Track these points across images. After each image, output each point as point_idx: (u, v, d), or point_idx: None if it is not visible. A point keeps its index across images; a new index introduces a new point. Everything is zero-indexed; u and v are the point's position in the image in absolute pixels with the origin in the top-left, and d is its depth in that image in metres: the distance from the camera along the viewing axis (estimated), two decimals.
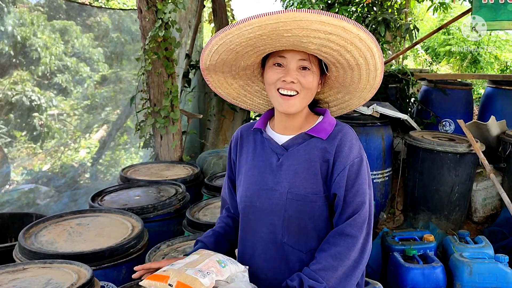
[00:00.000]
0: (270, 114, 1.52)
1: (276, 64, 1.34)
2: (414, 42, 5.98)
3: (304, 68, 1.33)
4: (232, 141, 1.56)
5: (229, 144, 1.58)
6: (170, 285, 1.13)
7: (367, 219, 1.34)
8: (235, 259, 1.42)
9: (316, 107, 1.50)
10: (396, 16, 6.33)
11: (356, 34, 1.21)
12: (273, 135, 1.46)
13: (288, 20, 1.16)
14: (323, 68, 1.38)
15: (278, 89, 1.34)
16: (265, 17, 1.17)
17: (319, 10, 1.17)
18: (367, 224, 1.34)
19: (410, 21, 6.95)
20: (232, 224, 1.58)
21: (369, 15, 6.15)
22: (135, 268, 1.40)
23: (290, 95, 1.33)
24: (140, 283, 1.20)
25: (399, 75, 4.84)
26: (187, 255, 1.40)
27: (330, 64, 1.37)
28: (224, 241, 1.55)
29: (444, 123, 4.71)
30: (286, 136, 1.43)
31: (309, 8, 6.73)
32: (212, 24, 6.05)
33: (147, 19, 4.04)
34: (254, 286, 1.25)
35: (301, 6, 6.90)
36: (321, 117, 1.45)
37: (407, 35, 6.13)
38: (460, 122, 3.77)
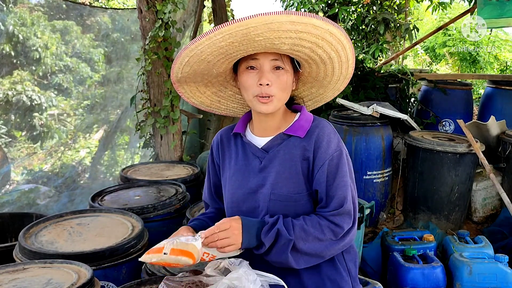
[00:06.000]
0: (248, 117, 1.53)
1: (250, 68, 1.34)
2: (414, 42, 5.99)
3: (278, 67, 1.34)
4: (213, 146, 1.56)
5: (210, 149, 1.58)
6: (165, 253, 1.23)
7: (351, 211, 1.35)
8: None
9: (292, 104, 1.51)
10: (396, 16, 6.33)
11: (326, 29, 1.24)
12: (252, 138, 1.47)
13: (258, 25, 1.17)
14: (296, 66, 1.39)
15: (255, 95, 1.35)
16: (235, 24, 1.18)
17: (288, 11, 1.19)
18: (353, 216, 1.35)
19: (409, 21, 6.95)
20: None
21: (368, 15, 6.15)
22: None
23: (267, 97, 1.34)
24: (140, 259, 1.27)
25: (399, 75, 4.84)
26: None
27: (303, 61, 1.38)
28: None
29: (444, 123, 4.71)
30: (266, 138, 1.44)
31: (309, 7, 6.75)
32: (212, 24, 6.05)
33: (147, 19, 4.04)
34: (257, 271, 1.26)
35: (301, 6, 6.91)
36: (298, 115, 1.46)
37: (407, 35, 6.14)
38: (460, 122, 3.77)
